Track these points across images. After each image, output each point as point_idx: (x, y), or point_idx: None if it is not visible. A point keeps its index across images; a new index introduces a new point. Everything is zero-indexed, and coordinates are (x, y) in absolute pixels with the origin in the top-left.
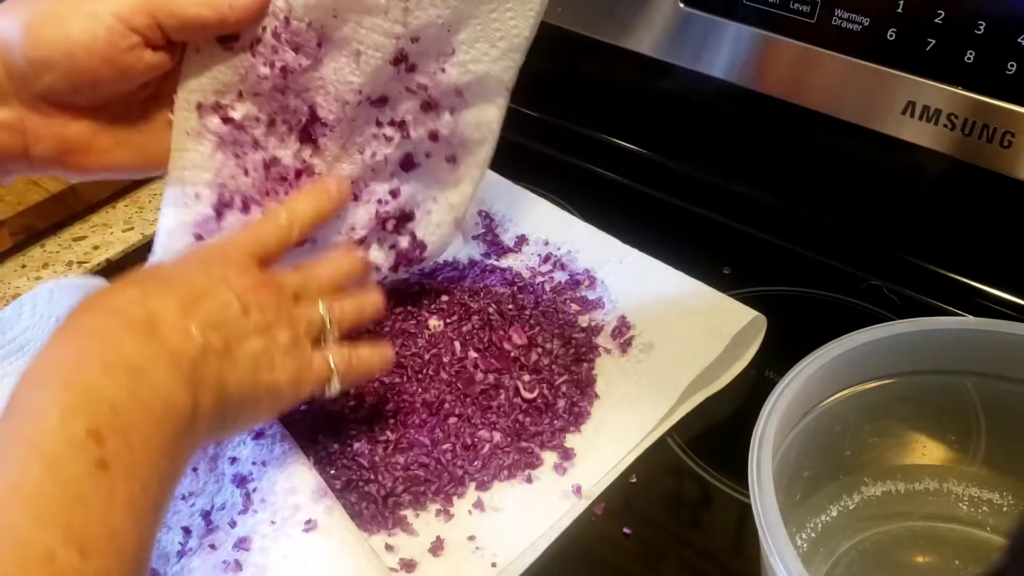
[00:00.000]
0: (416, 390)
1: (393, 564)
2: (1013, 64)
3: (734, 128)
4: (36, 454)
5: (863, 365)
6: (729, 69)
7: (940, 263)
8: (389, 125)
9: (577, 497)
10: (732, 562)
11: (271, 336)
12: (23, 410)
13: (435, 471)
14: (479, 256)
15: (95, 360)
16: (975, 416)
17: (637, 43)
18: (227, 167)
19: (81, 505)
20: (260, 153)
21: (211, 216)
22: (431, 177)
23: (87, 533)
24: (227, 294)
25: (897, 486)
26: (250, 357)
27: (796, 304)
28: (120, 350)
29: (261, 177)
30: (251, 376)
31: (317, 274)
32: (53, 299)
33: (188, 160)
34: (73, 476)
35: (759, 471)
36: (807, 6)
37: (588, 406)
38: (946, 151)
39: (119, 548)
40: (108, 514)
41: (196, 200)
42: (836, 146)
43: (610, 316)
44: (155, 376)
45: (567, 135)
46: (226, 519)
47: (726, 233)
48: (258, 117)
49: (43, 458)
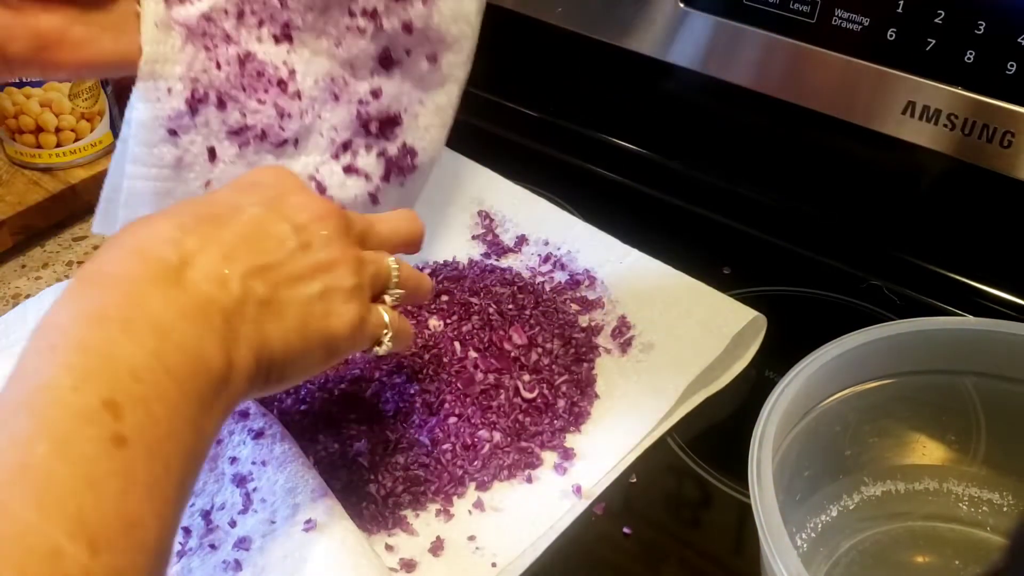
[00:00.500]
0: (416, 390)
1: (393, 564)
2: (1013, 64)
3: (734, 128)
4: (43, 428)
5: (863, 365)
6: (729, 69)
7: (940, 263)
8: (361, 15)
9: (577, 497)
10: (732, 562)
11: (334, 276)
12: (31, 375)
13: (435, 471)
14: (479, 256)
15: (115, 316)
16: (975, 416)
17: (637, 43)
18: (198, 60)
19: (93, 490)
20: (233, 47)
21: (184, 112)
22: (414, 77)
23: (99, 523)
24: (283, 227)
25: (897, 486)
26: (303, 303)
27: (796, 304)
28: (144, 305)
29: (236, 72)
30: (301, 325)
31: (380, 225)
32: None
33: (158, 53)
34: (84, 455)
35: (759, 471)
36: (807, 6)
37: (588, 406)
38: (946, 151)
39: (137, 542)
40: (124, 500)
41: (168, 95)
42: (836, 146)
43: (610, 316)
44: (183, 335)
45: (567, 135)
46: (226, 519)
47: (726, 233)
48: (226, 9)
49: (51, 433)
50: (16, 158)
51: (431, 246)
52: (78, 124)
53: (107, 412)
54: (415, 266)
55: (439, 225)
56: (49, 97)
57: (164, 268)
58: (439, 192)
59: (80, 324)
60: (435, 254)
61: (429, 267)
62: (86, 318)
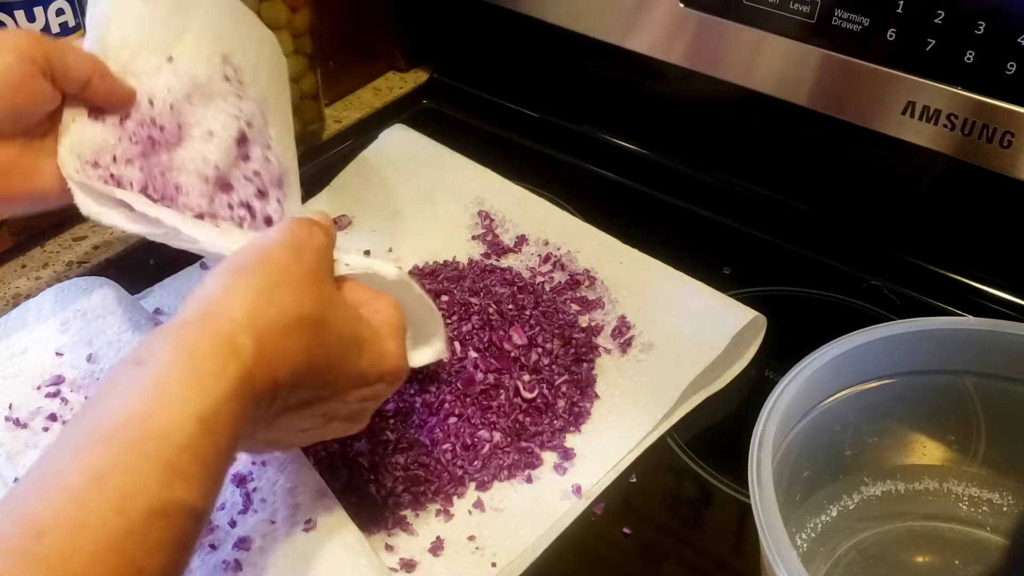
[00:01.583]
0: (416, 390)
1: (393, 564)
2: (1013, 64)
3: (734, 128)
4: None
5: (863, 365)
6: (729, 69)
7: (940, 263)
8: (240, 206)
9: (577, 497)
10: (732, 562)
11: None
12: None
13: (435, 471)
14: (479, 256)
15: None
16: (975, 416)
17: (637, 43)
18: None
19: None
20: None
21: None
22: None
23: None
24: (340, 404)
25: (897, 486)
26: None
27: (796, 304)
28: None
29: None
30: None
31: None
32: (58, 302)
33: (81, 200)
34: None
35: (759, 471)
36: (807, 6)
37: (588, 406)
38: (946, 151)
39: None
40: None
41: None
42: (836, 146)
43: (610, 316)
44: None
45: (567, 135)
46: (226, 519)
47: (726, 233)
48: (132, 182)
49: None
50: None
51: (431, 246)
52: None
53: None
54: (415, 266)
55: (439, 225)
56: None
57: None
58: (439, 192)
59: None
60: (435, 254)
61: (429, 267)
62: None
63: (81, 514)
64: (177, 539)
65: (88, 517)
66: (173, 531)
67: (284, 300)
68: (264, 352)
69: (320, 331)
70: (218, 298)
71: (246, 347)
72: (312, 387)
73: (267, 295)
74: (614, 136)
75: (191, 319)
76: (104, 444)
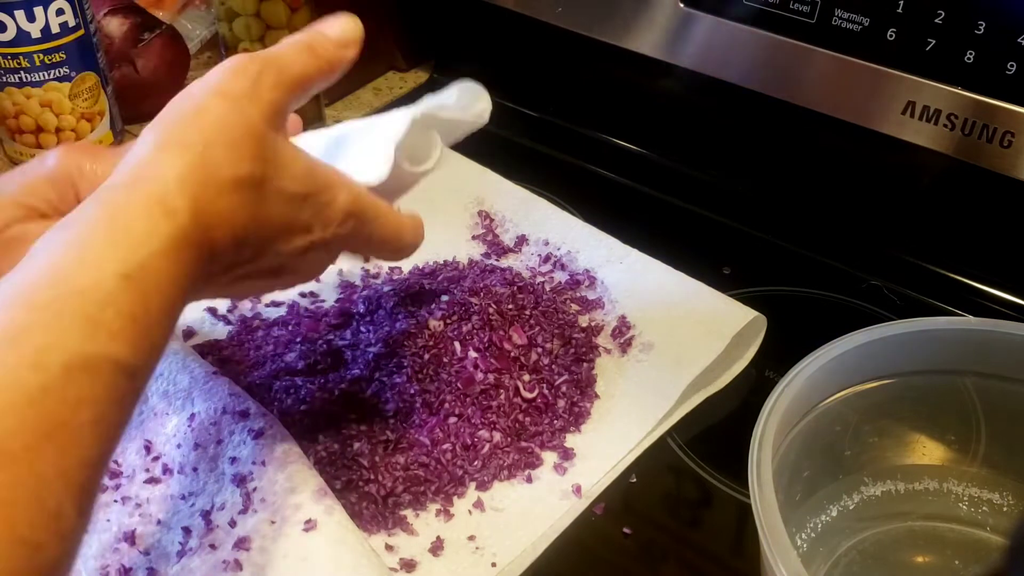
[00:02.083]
0: (416, 390)
1: (393, 564)
2: (1013, 64)
3: (734, 128)
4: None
5: (863, 365)
6: (729, 69)
7: (940, 263)
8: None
9: (577, 497)
10: (732, 562)
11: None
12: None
13: (435, 471)
14: (479, 256)
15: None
16: (975, 416)
17: (637, 43)
18: None
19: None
20: None
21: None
22: None
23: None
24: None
25: (897, 486)
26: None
27: (796, 304)
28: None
29: None
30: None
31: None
32: None
33: None
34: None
35: (759, 471)
36: (807, 6)
37: (588, 406)
38: (946, 151)
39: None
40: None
41: None
42: (836, 146)
43: (610, 316)
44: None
45: (567, 135)
46: (226, 519)
47: (726, 233)
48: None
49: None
50: (16, 158)
51: (431, 246)
52: (78, 124)
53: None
54: (415, 266)
55: (439, 225)
56: (49, 97)
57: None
58: (439, 192)
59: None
60: (435, 254)
61: (429, 267)
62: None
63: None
64: (104, 394)
65: (2, 374)
66: (98, 386)
67: (219, 160)
68: (200, 214)
69: (260, 187)
70: (149, 160)
71: (180, 209)
72: (256, 241)
73: (201, 154)
74: (614, 136)
75: (121, 181)
76: (22, 306)
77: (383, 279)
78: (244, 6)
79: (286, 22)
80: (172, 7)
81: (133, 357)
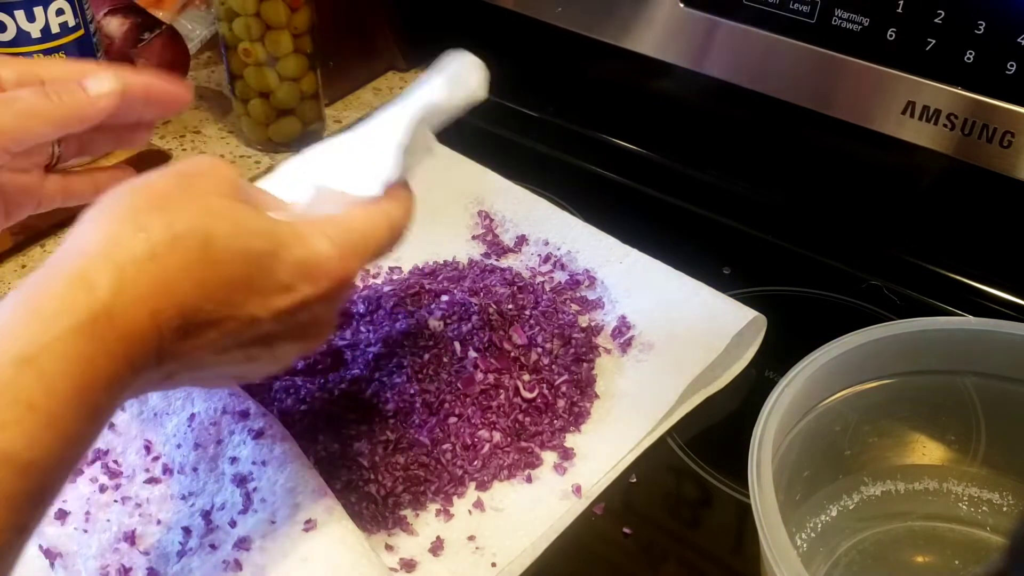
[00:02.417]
0: (416, 390)
1: (393, 564)
2: (1013, 64)
3: (734, 128)
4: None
5: (863, 365)
6: (729, 69)
7: (940, 263)
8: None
9: (577, 497)
10: (732, 562)
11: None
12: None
13: (435, 471)
14: (479, 256)
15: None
16: (975, 416)
17: (637, 43)
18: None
19: None
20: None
21: None
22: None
23: None
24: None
25: (897, 486)
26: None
27: (796, 304)
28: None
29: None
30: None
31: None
32: None
33: None
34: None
35: (759, 471)
36: (807, 6)
37: (588, 406)
38: (946, 151)
39: None
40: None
41: None
42: (836, 146)
43: (610, 316)
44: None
45: (567, 135)
46: (226, 519)
47: (726, 233)
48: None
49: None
50: None
51: (431, 246)
52: None
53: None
54: (415, 266)
55: (439, 225)
56: None
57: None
58: (439, 192)
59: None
60: (435, 254)
61: (429, 267)
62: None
63: None
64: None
65: None
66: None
67: (151, 224)
68: (128, 285)
69: (205, 247)
70: (78, 233)
71: (101, 282)
72: (215, 309)
73: (132, 221)
74: (614, 136)
75: (51, 259)
76: None
77: (383, 279)
78: (244, 6)
79: (286, 22)
80: (172, 7)
81: (28, 450)
